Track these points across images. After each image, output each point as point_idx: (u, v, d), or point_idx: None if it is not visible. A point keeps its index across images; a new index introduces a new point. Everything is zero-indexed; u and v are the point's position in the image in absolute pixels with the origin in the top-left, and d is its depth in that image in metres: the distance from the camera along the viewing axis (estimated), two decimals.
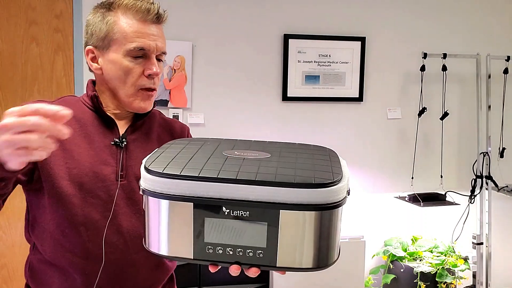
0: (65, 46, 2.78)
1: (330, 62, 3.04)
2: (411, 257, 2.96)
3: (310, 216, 0.79)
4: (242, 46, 2.95)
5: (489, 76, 3.12)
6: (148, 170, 0.84)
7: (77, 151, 1.13)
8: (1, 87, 2.72)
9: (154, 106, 1.28)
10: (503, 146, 3.12)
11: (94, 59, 1.20)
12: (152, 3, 1.17)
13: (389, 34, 3.12)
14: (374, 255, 3.09)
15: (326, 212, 0.79)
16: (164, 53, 1.19)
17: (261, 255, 0.82)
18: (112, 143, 1.16)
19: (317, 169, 0.84)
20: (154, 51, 1.16)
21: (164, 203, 0.82)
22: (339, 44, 3.03)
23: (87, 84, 1.24)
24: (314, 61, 3.02)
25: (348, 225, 2.85)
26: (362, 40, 3.06)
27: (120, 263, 1.15)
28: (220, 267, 0.86)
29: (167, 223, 0.83)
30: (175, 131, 1.30)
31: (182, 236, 0.83)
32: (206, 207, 0.80)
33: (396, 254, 2.95)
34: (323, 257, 0.82)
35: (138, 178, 1.16)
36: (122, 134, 1.19)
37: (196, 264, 2.41)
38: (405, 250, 2.99)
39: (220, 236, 0.81)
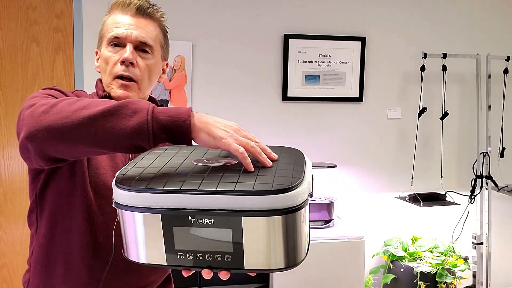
0: (66, 46, 2.79)
1: (330, 62, 3.04)
2: (411, 257, 2.96)
3: (271, 221, 0.83)
4: (242, 46, 2.95)
5: (489, 76, 3.12)
6: (117, 184, 0.87)
7: None
8: (1, 87, 2.73)
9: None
10: (503, 146, 3.12)
11: (98, 60, 1.25)
12: None
13: (389, 34, 3.12)
14: (374, 255, 3.09)
15: (286, 216, 0.83)
16: (145, 43, 1.18)
17: (229, 259, 0.86)
18: None
19: (278, 174, 0.88)
20: (129, 39, 1.17)
21: (134, 215, 0.86)
22: (339, 44, 3.03)
23: (96, 83, 1.25)
24: (314, 61, 3.02)
25: (348, 225, 2.86)
26: (362, 40, 3.06)
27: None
28: (193, 271, 0.91)
29: (139, 233, 0.88)
30: None
31: (154, 245, 0.87)
32: (173, 217, 0.84)
33: (396, 254, 2.95)
34: (290, 258, 0.86)
35: None
36: None
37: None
38: (405, 250, 2.99)
39: (189, 243, 0.86)
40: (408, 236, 3.11)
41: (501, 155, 3.12)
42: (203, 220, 0.83)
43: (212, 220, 0.83)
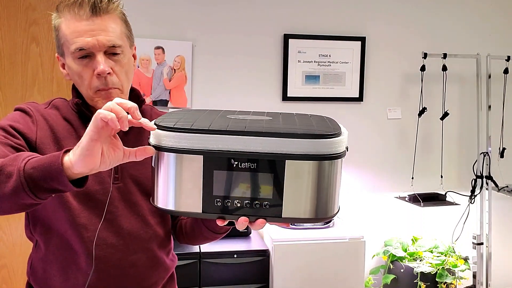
0: None
1: (330, 62, 3.04)
2: (411, 257, 2.96)
3: (313, 166, 0.83)
4: (242, 46, 2.95)
5: (489, 76, 3.12)
6: (159, 126, 0.86)
7: None
8: (1, 87, 2.72)
9: (143, 103, 1.24)
10: (503, 146, 3.12)
11: (63, 66, 1.17)
12: None
13: (389, 34, 3.12)
14: (374, 255, 3.09)
15: (328, 162, 0.84)
16: (115, 45, 1.10)
17: (267, 206, 0.85)
18: None
19: (317, 125, 0.89)
20: (96, 47, 1.08)
21: (175, 157, 0.84)
22: (339, 44, 3.03)
23: (72, 89, 1.20)
24: (314, 61, 3.02)
25: (348, 225, 2.85)
26: (362, 40, 3.06)
27: (121, 264, 1.15)
28: (227, 221, 0.88)
29: (177, 177, 0.85)
30: None
31: (191, 190, 0.85)
32: (215, 160, 0.83)
33: (396, 254, 2.95)
34: (325, 207, 0.87)
35: (133, 179, 1.16)
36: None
37: (197, 260, 2.41)
38: (405, 250, 2.99)
39: (228, 188, 0.84)
40: (408, 236, 3.11)
41: (501, 155, 3.12)
42: (246, 164, 0.83)
43: (256, 164, 0.82)
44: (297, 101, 3.02)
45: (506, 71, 3.11)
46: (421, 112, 3.02)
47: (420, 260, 2.94)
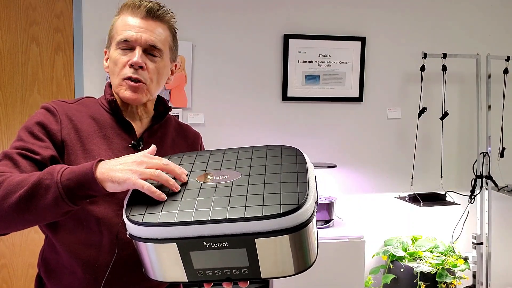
0: (65, 46, 2.79)
1: (330, 62, 3.04)
2: (411, 257, 2.96)
3: (283, 238, 0.87)
4: (242, 46, 2.95)
5: (489, 76, 3.12)
6: (129, 219, 0.91)
7: (97, 151, 1.17)
8: (1, 87, 2.73)
9: (169, 110, 1.32)
10: (503, 146, 3.12)
11: (107, 60, 1.27)
12: (150, 1, 1.21)
13: (389, 34, 3.12)
14: (374, 255, 3.09)
15: (297, 232, 0.88)
16: (155, 46, 1.20)
17: (246, 272, 0.91)
18: (130, 145, 1.21)
19: (284, 190, 0.91)
20: (138, 42, 1.18)
21: (150, 245, 0.91)
22: (339, 44, 3.03)
23: (105, 87, 1.28)
24: (314, 61, 3.02)
25: (348, 225, 2.86)
26: (362, 40, 3.06)
27: (129, 260, 1.16)
28: (213, 283, 0.97)
29: (158, 259, 0.92)
30: (188, 137, 1.35)
31: (174, 267, 0.92)
32: (188, 244, 0.88)
33: (396, 254, 2.95)
34: (302, 263, 0.92)
35: None
36: (139, 137, 1.23)
37: None
38: (405, 250, 2.99)
39: (206, 262, 0.90)
40: (408, 236, 3.11)
41: (501, 155, 3.12)
42: (218, 243, 0.87)
43: (227, 243, 0.87)
44: (297, 101, 3.02)
45: (506, 71, 3.11)
46: (421, 112, 3.02)
47: (420, 260, 2.94)
